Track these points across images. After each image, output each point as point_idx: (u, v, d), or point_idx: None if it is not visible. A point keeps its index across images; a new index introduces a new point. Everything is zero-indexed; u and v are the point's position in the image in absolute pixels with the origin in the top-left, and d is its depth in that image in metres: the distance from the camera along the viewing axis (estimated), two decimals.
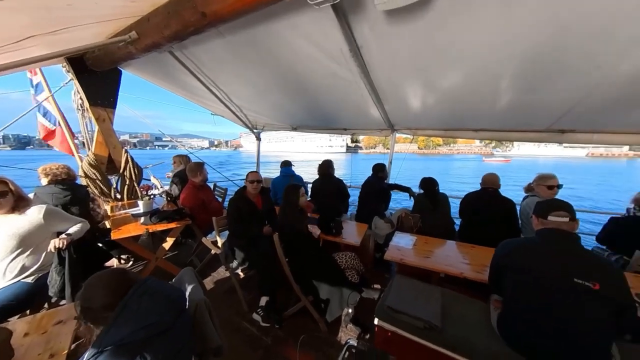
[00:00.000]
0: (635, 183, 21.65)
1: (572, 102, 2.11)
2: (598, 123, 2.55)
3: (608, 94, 1.90)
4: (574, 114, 2.32)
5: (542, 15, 1.26)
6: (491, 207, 2.60)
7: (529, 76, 1.83)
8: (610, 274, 1.19)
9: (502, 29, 1.39)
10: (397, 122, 3.53)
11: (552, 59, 1.57)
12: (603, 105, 2.09)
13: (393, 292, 1.79)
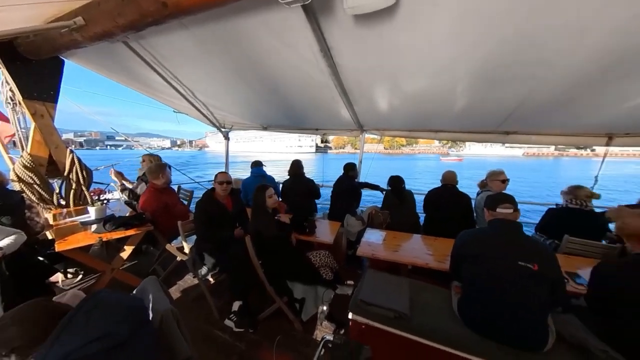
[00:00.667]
0: (561, 177, 25.45)
1: (513, 106, 2.41)
2: (534, 125, 2.95)
3: (540, 100, 2.21)
4: (515, 117, 2.65)
5: (487, 30, 1.41)
6: (450, 202, 2.84)
7: (479, 83, 2.04)
8: (546, 257, 1.39)
9: (456, 41, 1.53)
10: (366, 122, 3.66)
11: (496, 68, 1.78)
12: (537, 109, 2.42)
13: (365, 286, 1.86)
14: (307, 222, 2.69)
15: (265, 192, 2.25)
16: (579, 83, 1.83)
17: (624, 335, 1.24)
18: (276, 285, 2.12)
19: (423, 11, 1.32)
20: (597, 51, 1.46)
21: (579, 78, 1.77)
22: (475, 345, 1.41)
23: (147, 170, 2.86)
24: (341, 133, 4.26)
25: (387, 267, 2.25)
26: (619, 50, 1.44)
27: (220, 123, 4.61)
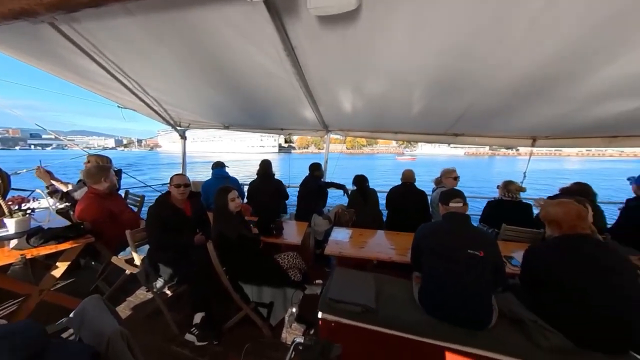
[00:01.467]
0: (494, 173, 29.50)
1: (461, 112, 2.69)
2: (478, 128, 3.34)
3: (482, 107, 2.50)
4: (463, 121, 2.96)
5: (437, 41, 1.54)
6: (410, 199, 3.06)
7: (432, 90, 2.23)
8: (489, 243, 1.59)
9: (410, 49, 1.64)
10: (331, 123, 3.73)
11: (446, 76, 1.96)
12: (480, 115, 2.75)
13: (334, 284, 1.89)
14: (274, 224, 2.63)
15: (228, 195, 2.14)
16: (511, 94, 2.12)
17: (548, 307, 1.46)
18: (243, 291, 2.03)
19: (381, 18, 1.39)
20: (525, 67, 1.70)
21: (511, 90, 2.05)
22: (434, 330, 1.53)
23: (85, 174, 2.49)
24: (306, 133, 4.27)
25: (354, 263, 2.32)
26: (538, 71, 1.71)
27: (175, 121, 4.25)
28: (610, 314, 1.29)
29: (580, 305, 1.34)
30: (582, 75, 1.73)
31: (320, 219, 3.25)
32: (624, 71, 1.60)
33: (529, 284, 1.63)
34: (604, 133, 3.09)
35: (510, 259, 2.12)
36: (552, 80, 1.84)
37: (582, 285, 1.35)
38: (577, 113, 2.41)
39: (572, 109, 2.32)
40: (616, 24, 1.23)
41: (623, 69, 1.58)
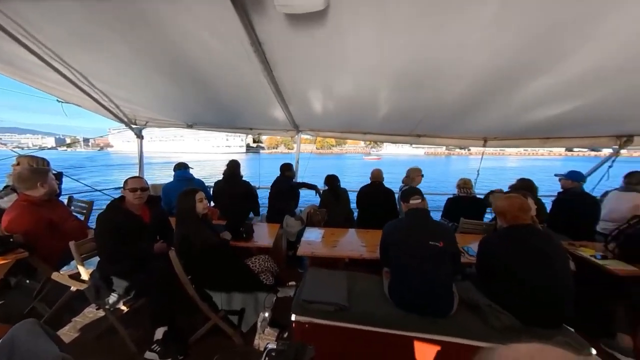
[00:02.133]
0: (451, 171, 32.33)
1: (422, 114, 2.87)
2: (438, 130, 3.60)
3: (442, 111, 2.70)
4: (424, 123, 3.17)
5: (400, 47, 1.62)
6: (379, 197, 3.18)
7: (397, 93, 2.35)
8: (448, 235, 1.73)
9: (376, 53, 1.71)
10: (301, 123, 3.71)
11: (408, 80, 2.08)
12: (440, 118, 2.96)
13: (307, 285, 1.88)
14: (244, 227, 2.53)
15: (195, 196, 2.01)
16: (465, 100, 2.33)
17: (499, 291, 1.63)
18: (211, 300, 1.92)
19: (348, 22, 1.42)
20: (476, 75, 1.88)
21: (465, 96, 2.24)
22: (402, 322, 1.61)
23: (17, 179, 2.13)
24: (277, 133, 4.19)
25: (327, 263, 2.34)
26: (487, 79, 1.90)
27: (130, 118, 3.86)
28: (548, 294, 1.48)
29: (524, 287, 1.51)
30: (522, 84, 1.96)
31: (292, 220, 3.22)
32: (553, 81, 1.85)
33: (482, 271, 1.80)
34: (539, 135, 3.56)
35: (467, 250, 2.31)
36: (498, 88, 2.06)
37: (525, 270, 1.53)
38: (519, 117, 2.73)
39: (514, 113, 2.62)
40: (546, 41, 1.42)
41: (553, 79, 1.82)
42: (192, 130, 4.25)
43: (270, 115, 3.29)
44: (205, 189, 3.46)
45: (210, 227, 2.21)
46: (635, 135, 3.31)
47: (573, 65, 1.64)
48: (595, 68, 1.66)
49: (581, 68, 1.67)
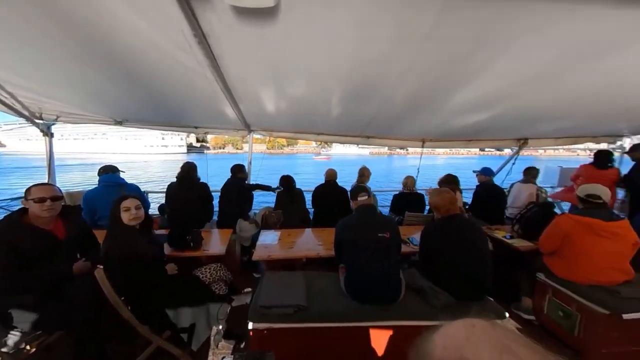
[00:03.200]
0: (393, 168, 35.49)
1: (370, 117, 3.07)
2: (384, 132, 3.90)
3: (387, 114, 2.94)
4: (373, 125, 3.39)
5: (348, 52, 1.70)
6: (333, 196, 3.28)
7: (348, 95, 2.46)
8: (393, 227, 1.88)
9: (326, 56, 1.75)
10: (253, 122, 3.57)
11: (358, 84, 2.20)
12: (385, 121, 3.21)
13: (264, 290, 1.82)
14: (191, 235, 2.31)
15: (121, 204, 1.74)
16: (407, 105, 2.58)
17: (436, 273, 1.86)
18: (153, 320, 1.69)
19: (299, 21, 1.42)
20: (415, 83, 2.10)
21: (406, 101, 2.49)
22: (359, 313, 1.70)
23: None
24: (227, 132, 3.95)
25: (284, 264, 2.31)
26: (424, 88, 2.15)
27: (33, 112, 3.12)
28: (474, 272, 1.75)
29: (456, 268, 1.76)
30: (452, 95, 2.28)
31: (246, 223, 3.07)
32: (472, 94, 2.20)
33: (424, 258, 2.03)
34: (464, 137, 4.21)
35: (412, 240, 2.57)
36: (434, 97, 2.35)
37: (456, 253, 1.78)
38: (450, 122, 3.17)
39: (446, 119, 3.02)
40: (467, 60, 1.68)
41: (472, 92, 2.17)
42: (118, 127, 3.67)
43: (219, 114, 3.08)
44: (142, 195, 3.04)
45: (149, 238, 1.94)
46: (529, 139, 4.21)
47: (484, 84, 1.99)
48: (499, 87, 2.05)
49: (490, 87, 2.04)
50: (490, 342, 0.33)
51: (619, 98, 2.37)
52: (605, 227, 1.87)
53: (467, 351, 0.33)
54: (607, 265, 1.89)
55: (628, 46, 1.56)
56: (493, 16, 1.32)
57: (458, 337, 0.35)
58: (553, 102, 2.46)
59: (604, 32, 1.42)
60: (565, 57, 1.67)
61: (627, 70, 1.82)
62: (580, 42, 1.51)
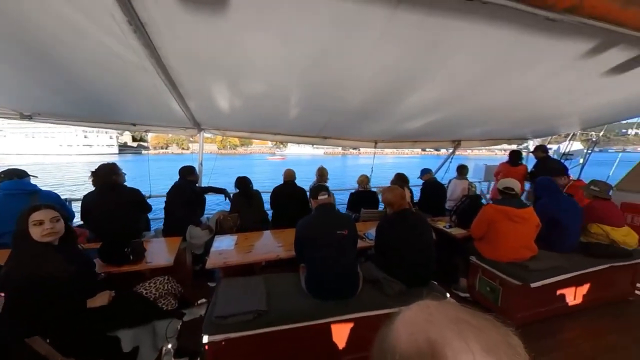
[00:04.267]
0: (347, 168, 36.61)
1: (327, 118, 3.15)
2: (341, 133, 4.04)
3: (343, 116, 3.05)
4: (329, 126, 3.48)
5: (303, 52, 1.71)
6: (292, 196, 3.26)
7: (306, 97, 2.48)
8: (351, 224, 1.97)
9: (284, 56, 1.74)
10: (204, 121, 3.32)
11: (315, 88, 2.24)
12: (341, 122, 3.33)
13: (220, 300, 1.72)
14: (130, 246, 2.03)
15: (29, 217, 1.44)
16: (360, 109, 2.72)
17: (390, 264, 2.00)
18: (82, 350, 1.44)
19: (252, 20, 1.38)
20: (366, 90, 2.23)
21: (360, 105, 2.62)
22: (320, 311, 1.73)
23: None
24: (173, 131, 3.58)
25: (242, 270, 2.20)
26: (375, 96, 2.30)
27: None
28: (420, 260, 1.95)
29: (406, 258, 1.92)
30: (401, 100, 2.48)
31: (197, 230, 2.84)
32: (419, 100, 2.45)
33: (379, 251, 2.17)
34: (411, 138, 4.64)
35: (368, 235, 2.72)
36: (386, 101, 2.53)
37: (406, 244, 1.95)
38: (399, 125, 3.45)
39: (396, 122, 3.29)
40: (412, 69, 1.85)
41: (418, 98, 2.40)
42: (24, 123, 3.02)
43: (164, 111, 2.78)
44: (62, 204, 2.55)
45: (71, 255, 1.63)
46: (462, 140, 4.87)
47: (427, 92, 2.24)
48: (439, 96, 2.33)
49: (432, 94, 2.30)
50: (447, 318, 0.37)
51: (523, 109, 2.92)
52: (517, 214, 2.28)
53: (432, 333, 0.35)
54: (519, 245, 2.31)
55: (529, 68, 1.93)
56: (433, 35, 1.50)
57: (419, 322, 0.37)
58: (478, 110, 2.89)
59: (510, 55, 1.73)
60: (485, 73, 1.98)
61: (529, 87, 2.26)
62: (495, 61, 1.82)
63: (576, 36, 1.53)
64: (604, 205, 2.60)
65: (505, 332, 0.36)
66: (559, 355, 1.96)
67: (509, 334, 0.36)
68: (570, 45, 1.63)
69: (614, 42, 1.60)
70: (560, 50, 1.68)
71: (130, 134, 64.20)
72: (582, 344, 2.08)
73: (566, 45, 1.62)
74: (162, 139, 71.96)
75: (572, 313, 2.38)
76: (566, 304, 2.37)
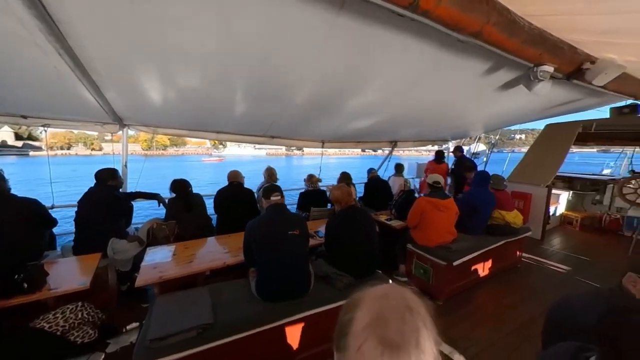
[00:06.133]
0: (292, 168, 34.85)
1: (274, 117, 3.09)
2: (288, 133, 4.02)
3: (289, 116, 3.04)
4: (276, 126, 3.42)
5: (243, 49, 1.64)
6: (239, 198, 3.08)
7: (251, 95, 2.37)
8: (302, 223, 1.97)
9: (222, 49, 1.62)
10: (129, 116, 2.85)
11: (261, 86, 2.17)
12: (288, 122, 3.32)
13: (155, 320, 1.51)
14: (23, 272, 1.60)
15: None
16: (306, 109, 2.76)
17: (339, 258, 2.09)
18: None
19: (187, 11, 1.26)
20: (311, 91, 2.28)
21: (306, 106, 2.66)
22: (273, 314, 1.68)
23: None
24: (87, 127, 2.96)
25: (183, 283, 1.98)
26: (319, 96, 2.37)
27: None
28: (367, 252, 2.09)
29: (352, 251, 2.04)
30: (345, 101, 2.61)
31: (123, 243, 2.43)
32: (360, 101, 2.62)
33: (329, 247, 2.24)
34: (355, 139, 4.94)
35: (318, 233, 2.78)
36: (330, 103, 2.62)
37: (353, 238, 2.06)
38: (345, 126, 3.64)
39: (341, 123, 3.45)
40: (355, 71, 1.97)
41: (361, 100, 2.57)
42: None
43: (70, 101, 2.27)
44: None
45: None
46: (398, 141, 5.42)
47: (369, 95, 2.42)
48: (378, 99, 2.54)
49: (372, 98, 2.50)
50: (374, 290, 0.49)
51: (443, 114, 3.44)
52: (442, 204, 2.67)
53: (385, 311, 0.45)
54: (444, 230, 2.71)
55: (445, 80, 2.28)
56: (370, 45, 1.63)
57: (372, 302, 0.47)
58: (409, 114, 3.28)
59: (431, 68, 2.02)
60: (412, 82, 2.26)
61: (445, 96, 2.67)
62: (419, 72, 2.09)
63: (478, 57, 1.88)
64: (500, 195, 3.26)
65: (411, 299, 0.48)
66: (474, 318, 2.38)
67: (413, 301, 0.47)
68: (474, 65, 1.99)
69: (502, 65, 2.03)
70: (468, 67, 2.03)
71: (12, 131, 49.54)
72: (489, 306, 2.58)
73: (472, 64, 1.97)
74: (62, 137, 55.84)
75: (482, 282, 2.92)
76: (478, 276, 2.89)
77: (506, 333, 2.18)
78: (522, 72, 2.07)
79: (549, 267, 3.38)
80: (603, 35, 1.67)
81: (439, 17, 1.28)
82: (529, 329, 2.19)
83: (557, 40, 1.74)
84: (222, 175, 3.38)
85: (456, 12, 1.28)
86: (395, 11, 1.26)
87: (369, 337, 0.43)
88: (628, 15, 1.39)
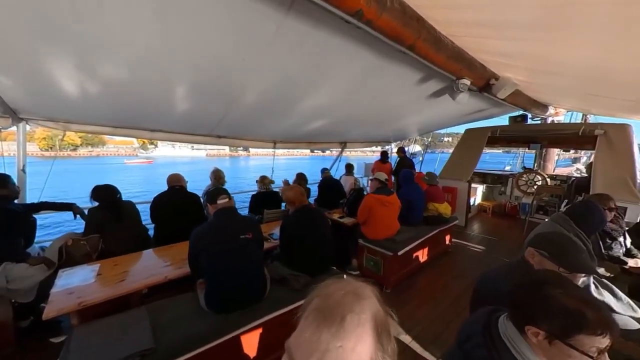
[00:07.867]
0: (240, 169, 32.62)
1: (220, 116, 2.90)
2: (237, 132, 3.81)
3: (237, 115, 2.89)
4: (225, 124, 3.21)
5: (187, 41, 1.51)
6: (181, 204, 2.77)
7: (194, 90, 2.17)
8: (255, 226, 1.89)
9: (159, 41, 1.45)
10: (26, 108, 2.28)
11: (204, 80, 2.00)
12: (237, 121, 3.15)
13: (76, 356, 1.25)
14: None
15: None
16: (257, 108, 2.67)
17: (294, 258, 2.08)
18: None
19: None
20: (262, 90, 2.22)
21: (257, 105, 2.57)
22: (226, 326, 1.57)
23: None
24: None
25: (112, 307, 1.68)
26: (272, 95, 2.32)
27: None
28: (321, 251, 2.13)
29: (307, 250, 2.05)
30: (296, 102, 2.62)
31: (21, 267, 1.93)
32: (311, 103, 2.66)
33: (284, 248, 2.21)
34: (307, 140, 5.00)
35: (272, 235, 2.71)
36: (282, 103, 2.59)
37: (308, 237, 2.08)
38: (296, 126, 3.64)
39: (293, 123, 3.44)
40: (305, 74, 2.00)
41: (311, 101, 2.61)
42: None
43: None
44: None
45: None
46: (347, 142, 5.70)
47: (317, 98, 2.49)
48: (329, 101, 2.63)
49: (323, 100, 2.57)
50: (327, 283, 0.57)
51: (386, 116, 3.76)
52: (387, 200, 2.91)
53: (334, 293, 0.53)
54: (389, 223, 2.96)
55: (386, 86, 2.50)
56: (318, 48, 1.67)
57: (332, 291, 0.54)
58: (355, 116, 3.49)
59: (373, 74, 2.18)
60: (356, 85, 2.41)
61: (387, 100, 2.93)
62: (362, 77, 2.25)
63: (413, 68, 2.12)
64: (434, 189, 3.75)
65: (359, 286, 0.55)
66: (415, 301, 2.66)
67: (361, 287, 0.55)
68: (411, 74, 2.24)
69: (432, 76, 2.33)
70: (406, 76, 2.28)
71: None
72: (427, 289, 2.92)
73: (410, 73, 2.21)
74: None
75: (422, 268, 3.29)
76: (419, 262, 3.25)
77: (442, 310, 2.50)
78: (447, 84, 2.42)
79: (471, 249, 4.03)
80: (503, 57, 2.08)
81: (380, 27, 1.40)
82: (460, 303, 2.56)
83: (472, 58, 2.09)
84: (151, 179, 2.97)
85: (395, 25, 1.42)
86: (343, 17, 1.33)
87: (314, 310, 0.51)
88: (517, 42, 1.75)
